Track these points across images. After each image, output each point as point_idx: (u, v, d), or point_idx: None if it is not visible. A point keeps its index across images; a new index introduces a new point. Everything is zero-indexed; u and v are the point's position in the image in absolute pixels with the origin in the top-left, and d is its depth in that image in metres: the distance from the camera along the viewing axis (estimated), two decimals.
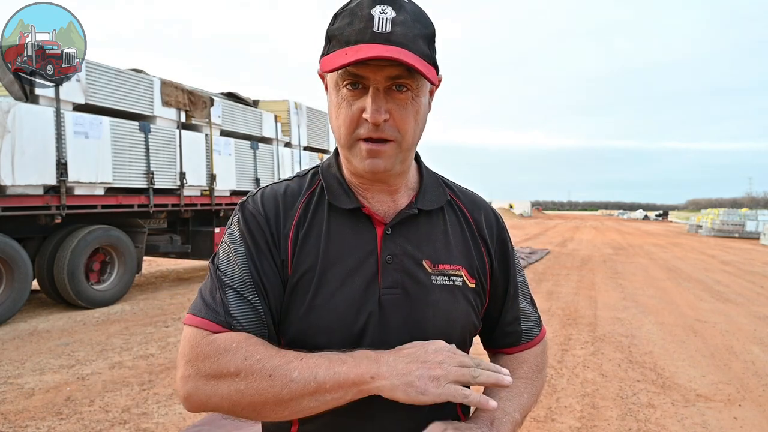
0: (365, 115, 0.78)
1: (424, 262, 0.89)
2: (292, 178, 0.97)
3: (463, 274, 0.91)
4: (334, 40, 0.80)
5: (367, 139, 0.81)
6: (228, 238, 0.88)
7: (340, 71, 0.79)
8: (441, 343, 0.79)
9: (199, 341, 0.79)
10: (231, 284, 0.83)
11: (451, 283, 0.90)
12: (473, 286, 0.92)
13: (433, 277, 0.88)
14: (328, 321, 0.83)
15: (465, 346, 0.93)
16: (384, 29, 0.76)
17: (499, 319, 1.01)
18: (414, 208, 0.90)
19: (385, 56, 0.74)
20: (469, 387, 0.79)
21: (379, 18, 0.76)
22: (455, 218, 0.96)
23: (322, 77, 0.87)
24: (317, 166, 0.97)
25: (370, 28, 0.76)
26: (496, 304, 1.00)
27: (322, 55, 0.83)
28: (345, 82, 0.80)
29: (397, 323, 0.85)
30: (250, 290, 0.83)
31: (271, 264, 0.85)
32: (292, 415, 0.77)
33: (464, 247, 0.94)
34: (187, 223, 8.63)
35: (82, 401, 3.53)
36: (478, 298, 0.94)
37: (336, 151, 0.95)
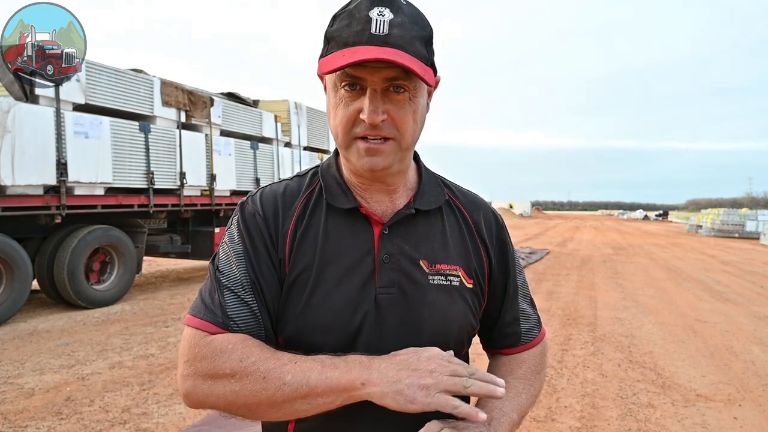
0: (362, 116, 0.79)
1: (421, 262, 0.89)
2: (292, 178, 0.97)
3: (460, 274, 0.91)
4: (332, 41, 0.80)
5: (365, 138, 0.81)
6: (227, 239, 0.89)
7: (338, 72, 0.79)
8: (435, 350, 0.78)
9: (197, 342, 0.80)
10: (229, 286, 0.84)
11: (449, 283, 0.90)
12: (470, 286, 0.92)
13: (430, 277, 0.89)
14: (324, 319, 0.84)
15: (463, 346, 0.93)
16: (381, 31, 0.76)
17: (498, 319, 1.01)
18: (412, 208, 0.90)
19: (381, 58, 0.75)
20: (468, 398, 0.78)
21: (376, 20, 0.77)
22: (454, 218, 0.96)
23: (321, 78, 0.87)
24: (317, 166, 0.97)
25: (367, 30, 0.76)
26: (495, 305, 1.00)
27: (321, 56, 0.83)
28: (343, 84, 0.80)
29: (393, 323, 0.85)
30: (248, 292, 0.84)
31: (269, 265, 0.86)
32: (286, 416, 0.77)
33: (462, 247, 0.94)
34: (187, 223, 8.63)
35: (82, 401, 3.53)
36: (475, 298, 0.94)
37: (336, 151, 0.95)
